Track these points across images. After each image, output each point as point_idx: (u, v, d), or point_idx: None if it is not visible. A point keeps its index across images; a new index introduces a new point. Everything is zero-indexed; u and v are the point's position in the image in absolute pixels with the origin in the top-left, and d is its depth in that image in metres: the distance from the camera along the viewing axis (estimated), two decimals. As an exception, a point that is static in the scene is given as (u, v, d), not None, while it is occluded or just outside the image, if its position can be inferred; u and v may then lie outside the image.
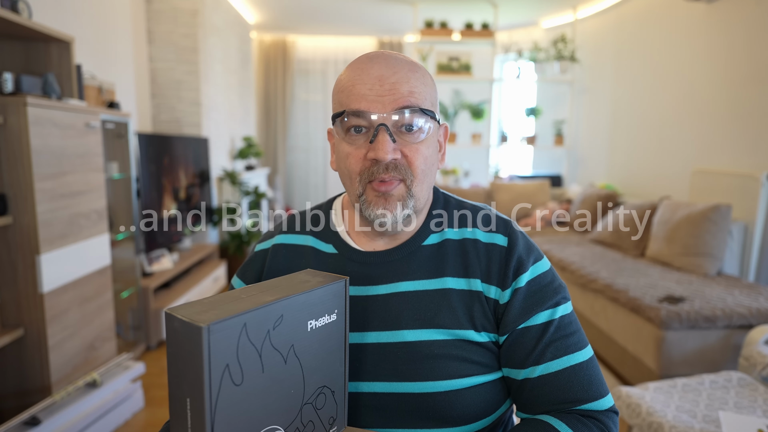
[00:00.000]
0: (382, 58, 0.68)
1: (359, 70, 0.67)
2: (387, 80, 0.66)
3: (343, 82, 0.69)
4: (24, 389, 1.87)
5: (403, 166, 0.68)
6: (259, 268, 0.81)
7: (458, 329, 0.69)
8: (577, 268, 2.95)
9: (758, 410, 1.50)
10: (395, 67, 0.67)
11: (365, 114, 0.66)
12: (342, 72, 0.71)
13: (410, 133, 0.67)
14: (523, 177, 5.14)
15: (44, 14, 2.26)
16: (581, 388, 0.68)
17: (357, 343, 0.71)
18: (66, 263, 1.96)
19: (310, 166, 6.36)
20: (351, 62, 0.70)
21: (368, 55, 0.69)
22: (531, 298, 0.70)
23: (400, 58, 0.69)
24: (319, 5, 4.83)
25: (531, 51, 4.99)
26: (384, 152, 0.65)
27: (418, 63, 0.71)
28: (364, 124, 0.67)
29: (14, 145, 1.74)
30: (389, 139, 0.65)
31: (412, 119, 0.67)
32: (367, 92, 0.66)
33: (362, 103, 0.66)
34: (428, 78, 0.71)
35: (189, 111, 3.72)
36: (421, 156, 0.68)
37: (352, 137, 0.68)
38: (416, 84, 0.67)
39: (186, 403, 0.50)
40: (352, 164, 0.68)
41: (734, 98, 3.09)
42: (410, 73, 0.67)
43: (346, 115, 0.67)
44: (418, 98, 0.67)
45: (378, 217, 0.68)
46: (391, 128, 0.66)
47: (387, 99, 0.66)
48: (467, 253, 0.73)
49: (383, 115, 0.65)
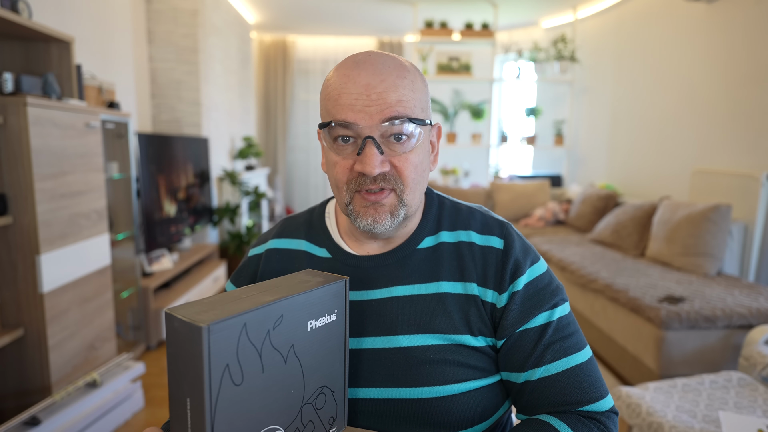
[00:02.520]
0: (369, 63, 0.65)
1: (345, 77, 0.65)
2: (374, 89, 0.63)
3: (329, 89, 0.66)
4: (24, 389, 1.87)
5: (393, 176, 0.66)
6: (252, 273, 0.80)
7: (454, 334, 0.68)
8: (577, 268, 2.95)
9: (758, 410, 1.50)
10: (383, 74, 0.64)
11: (352, 125, 0.64)
12: (329, 73, 0.68)
13: (399, 143, 0.65)
14: (523, 177, 5.14)
15: (44, 14, 2.26)
16: (581, 390, 0.67)
17: (353, 349, 0.70)
18: (66, 263, 1.96)
19: (310, 166, 6.36)
20: (338, 64, 0.68)
21: (355, 59, 0.66)
22: (529, 301, 0.70)
23: (387, 63, 0.65)
24: (319, 5, 4.83)
25: (531, 51, 4.99)
26: (371, 166, 0.63)
27: (407, 65, 0.67)
28: (351, 134, 0.65)
29: (14, 145, 1.74)
30: (376, 152, 0.64)
31: (401, 129, 0.64)
32: (354, 102, 0.63)
33: (348, 114, 0.63)
34: (418, 81, 0.67)
35: (189, 111, 3.72)
36: (411, 165, 0.66)
37: (339, 147, 0.66)
38: (404, 92, 0.64)
39: (186, 403, 0.50)
40: (339, 174, 0.67)
41: (734, 98, 3.09)
42: (398, 79, 0.64)
43: (333, 125, 0.65)
44: (406, 107, 0.64)
45: (367, 226, 0.67)
46: (378, 139, 0.64)
47: (374, 109, 0.63)
48: (463, 257, 0.72)
49: (370, 126, 0.63)
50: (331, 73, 0.68)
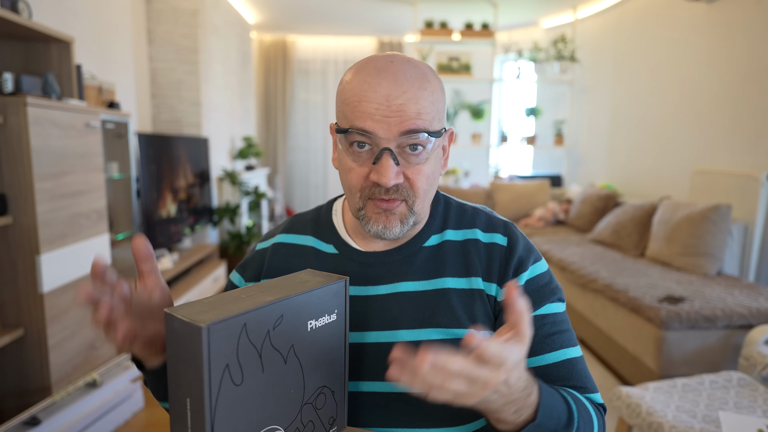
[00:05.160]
0: (391, 72, 0.64)
1: (366, 84, 0.64)
2: (394, 101, 0.63)
3: (347, 94, 0.66)
4: (24, 389, 1.87)
5: (405, 188, 0.67)
6: (258, 266, 0.81)
7: (457, 328, 0.70)
8: (577, 268, 2.95)
9: (758, 410, 1.50)
10: (404, 85, 0.63)
11: (370, 135, 0.64)
12: (348, 74, 0.68)
13: (414, 153, 0.66)
14: (523, 177, 5.14)
15: (44, 14, 2.26)
16: (579, 379, 0.70)
17: (357, 343, 0.71)
18: (66, 263, 1.96)
19: (310, 166, 6.36)
20: (358, 67, 0.67)
21: (376, 64, 0.65)
22: (529, 296, 0.71)
23: (409, 72, 0.65)
24: (319, 5, 4.83)
25: (531, 51, 4.99)
26: (387, 178, 0.64)
27: (428, 75, 0.66)
28: (368, 142, 0.65)
29: (14, 145, 1.74)
30: (393, 164, 0.64)
31: (418, 140, 0.65)
32: (374, 111, 0.63)
33: (368, 123, 0.63)
34: (438, 92, 0.67)
35: (189, 111, 3.72)
36: (424, 177, 0.67)
37: (355, 152, 0.66)
38: (425, 104, 0.64)
39: (186, 403, 0.50)
40: (353, 180, 0.67)
41: (734, 98, 3.09)
42: (419, 91, 0.64)
43: (351, 132, 0.65)
44: (425, 119, 0.64)
45: (378, 232, 0.69)
46: (395, 149, 0.65)
47: (393, 121, 0.63)
48: (469, 253, 0.74)
49: (389, 137, 0.64)
50: (350, 76, 0.67)
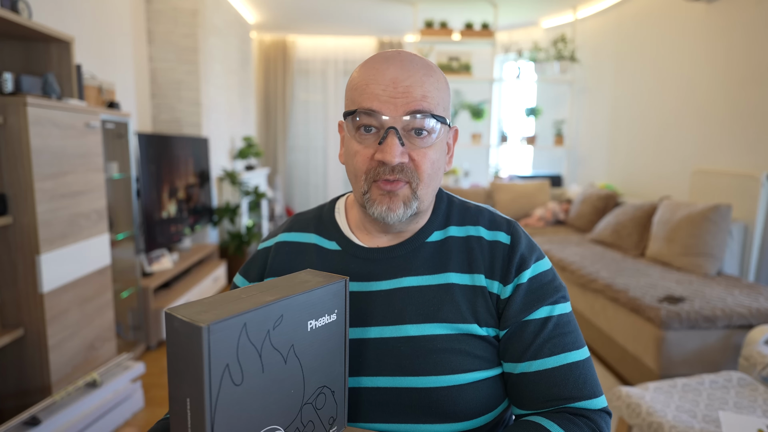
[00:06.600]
0: (398, 59, 0.68)
1: (374, 69, 0.68)
2: (401, 83, 0.66)
3: (356, 80, 0.69)
4: (24, 389, 1.87)
5: (410, 169, 0.68)
6: (261, 265, 0.81)
7: (461, 323, 0.70)
8: (577, 268, 2.95)
9: (758, 410, 1.50)
10: (410, 70, 0.67)
11: (376, 114, 0.66)
12: (356, 70, 0.71)
13: (419, 137, 0.68)
14: (523, 177, 5.14)
15: (44, 14, 2.26)
16: (575, 386, 0.68)
17: (359, 338, 0.71)
18: (66, 263, 1.96)
19: (310, 166, 6.36)
20: (366, 60, 0.71)
21: (384, 55, 0.69)
22: (532, 294, 0.72)
23: (416, 60, 0.69)
24: (319, 5, 4.83)
25: (531, 51, 4.99)
26: (392, 155, 0.66)
27: (433, 66, 0.70)
28: (375, 124, 0.67)
29: (14, 145, 1.74)
30: (398, 143, 0.66)
31: (423, 123, 0.67)
32: (381, 93, 0.66)
33: (374, 103, 0.66)
34: (443, 82, 0.71)
35: (189, 111, 3.72)
36: (429, 160, 0.69)
37: (361, 136, 0.68)
38: (430, 89, 0.67)
39: (186, 403, 0.50)
40: (359, 163, 0.69)
41: (734, 98, 3.09)
42: (425, 77, 0.67)
43: (358, 113, 0.67)
44: (430, 103, 0.67)
45: (381, 214, 0.69)
46: (400, 131, 0.67)
47: (399, 101, 0.66)
48: (472, 250, 0.74)
49: (394, 117, 0.66)
50: (358, 69, 0.71)
